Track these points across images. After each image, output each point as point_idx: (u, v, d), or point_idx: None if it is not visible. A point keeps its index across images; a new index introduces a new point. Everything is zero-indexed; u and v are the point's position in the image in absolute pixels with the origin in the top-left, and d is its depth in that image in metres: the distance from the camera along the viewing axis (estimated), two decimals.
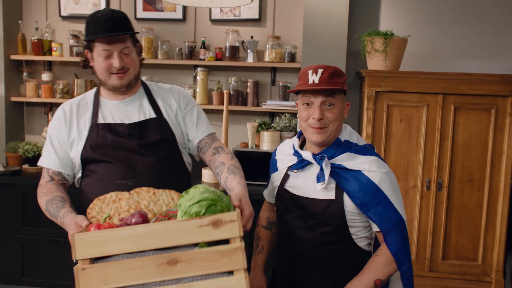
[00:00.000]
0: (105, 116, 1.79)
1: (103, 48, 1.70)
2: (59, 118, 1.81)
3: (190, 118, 1.87)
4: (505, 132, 3.15)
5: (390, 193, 1.58)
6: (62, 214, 1.57)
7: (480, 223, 3.23)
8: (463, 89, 3.15)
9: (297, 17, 3.70)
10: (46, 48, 3.88)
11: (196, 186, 1.38)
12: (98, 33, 1.69)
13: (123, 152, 1.73)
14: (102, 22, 1.69)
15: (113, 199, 1.55)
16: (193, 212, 1.29)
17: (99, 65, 1.74)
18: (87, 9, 3.90)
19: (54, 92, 3.90)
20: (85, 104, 1.83)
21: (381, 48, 3.18)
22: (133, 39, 1.79)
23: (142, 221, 1.36)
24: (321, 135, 1.61)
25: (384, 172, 1.59)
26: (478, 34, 3.55)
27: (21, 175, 3.56)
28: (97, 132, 1.75)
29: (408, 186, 3.26)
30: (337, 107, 1.60)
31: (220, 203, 1.33)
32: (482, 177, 3.20)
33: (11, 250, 3.48)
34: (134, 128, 1.76)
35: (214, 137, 1.89)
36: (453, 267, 3.26)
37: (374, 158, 1.62)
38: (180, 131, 1.84)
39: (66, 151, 1.79)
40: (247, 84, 3.72)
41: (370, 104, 3.21)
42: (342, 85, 1.61)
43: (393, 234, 1.58)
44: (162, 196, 1.55)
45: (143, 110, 1.81)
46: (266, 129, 3.61)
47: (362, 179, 1.58)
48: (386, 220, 1.57)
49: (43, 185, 1.77)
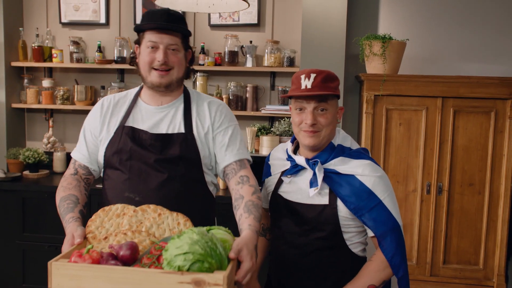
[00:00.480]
0: (136, 119, 1.73)
1: (150, 39, 1.64)
2: (96, 112, 1.77)
3: (222, 139, 1.73)
4: (505, 135, 3.14)
5: (384, 197, 1.57)
6: (67, 219, 1.53)
7: (481, 227, 3.21)
8: (462, 92, 3.14)
9: (295, 21, 3.70)
10: (46, 54, 3.90)
11: (193, 230, 1.29)
12: (153, 25, 1.64)
13: (139, 164, 1.66)
14: (157, 15, 1.65)
15: (117, 213, 1.50)
16: (175, 266, 1.20)
17: (143, 58, 1.67)
18: (87, 15, 3.92)
19: (55, 98, 3.92)
20: (123, 102, 1.77)
21: (379, 52, 3.18)
22: (185, 43, 1.72)
23: (129, 255, 1.30)
24: (314, 139, 1.60)
25: (377, 176, 1.58)
26: (476, 37, 3.54)
27: (21, 181, 3.57)
28: (120, 136, 1.69)
29: (408, 190, 3.24)
30: (330, 112, 1.60)
31: (209, 259, 1.22)
32: (482, 180, 3.18)
33: (11, 256, 3.49)
34: (157, 140, 1.68)
35: (244, 164, 1.71)
36: (454, 272, 3.24)
37: (368, 162, 1.60)
38: (208, 151, 1.72)
39: (97, 146, 1.75)
40: (246, 89, 3.72)
41: (369, 108, 3.21)
42: (335, 90, 1.61)
43: (388, 239, 1.56)
44: (168, 219, 1.48)
45: (174, 122, 1.72)
46: (266, 133, 3.61)
47: (355, 184, 1.56)
48: (381, 224, 1.55)
49: (65, 178, 1.73)
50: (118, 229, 1.45)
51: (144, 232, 1.43)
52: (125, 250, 1.30)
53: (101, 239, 1.42)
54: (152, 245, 1.38)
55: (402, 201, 3.25)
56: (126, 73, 3.96)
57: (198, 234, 1.27)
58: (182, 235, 1.27)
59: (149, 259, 1.28)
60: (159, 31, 1.64)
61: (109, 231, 1.45)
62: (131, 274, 1.22)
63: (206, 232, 1.31)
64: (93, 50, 3.92)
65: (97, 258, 1.26)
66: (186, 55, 1.74)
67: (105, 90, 3.88)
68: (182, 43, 1.70)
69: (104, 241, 1.41)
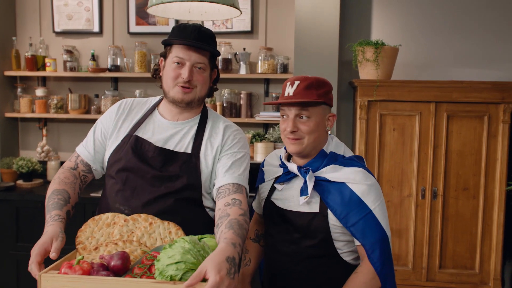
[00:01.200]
0: (147, 130, 1.68)
1: (177, 55, 1.61)
2: (112, 113, 1.73)
3: (226, 161, 1.64)
4: (498, 139, 3.15)
5: (375, 206, 1.54)
6: (53, 215, 1.46)
7: (476, 231, 3.21)
8: (455, 97, 3.15)
9: (288, 28, 3.71)
10: (40, 63, 3.89)
11: (184, 239, 1.28)
12: (179, 38, 1.61)
13: (135, 177, 1.61)
14: (188, 31, 1.62)
15: (107, 222, 1.48)
16: (168, 275, 1.20)
17: (168, 73, 1.63)
18: (80, 24, 3.92)
19: (48, 107, 3.91)
20: (140, 109, 1.74)
21: (372, 57, 3.19)
22: (212, 62, 1.68)
23: (120, 265, 1.29)
24: (296, 146, 1.59)
25: (368, 184, 1.55)
26: (469, 42, 3.56)
27: (15, 191, 3.55)
28: (126, 144, 1.66)
29: (403, 195, 3.24)
30: (312, 120, 1.57)
31: None
32: (476, 184, 3.19)
33: (5, 267, 3.46)
34: (160, 154, 1.63)
35: (240, 189, 1.60)
36: (450, 276, 3.23)
37: (359, 169, 1.58)
38: (211, 175, 1.64)
39: (105, 147, 1.71)
40: (240, 96, 3.73)
41: (363, 114, 3.21)
42: (319, 97, 1.57)
43: (377, 251, 1.52)
44: (159, 228, 1.46)
45: (183, 140, 1.66)
46: (260, 140, 3.60)
47: (345, 192, 1.54)
48: (370, 235, 1.52)
49: (64, 170, 1.69)
50: (109, 239, 1.44)
51: (135, 241, 1.41)
52: (116, 260, 1.29)
53: (92, 250, 1.40)
54: (143, 254, 1.36)
55: (397, 206, 3.25)
56: (120, 82, 3.95)
57: (190, 243, 1.26)
58: (173, 244, 1.26)
59: (141, 269, 1.27)
60: (188, 48, 1.60)
61: (100, 241, 1.43)
62: (122, 285, 1.20)
63: (197, 241, 1.30)
64: (87, 59, 3.92)
65: (88, 269, 1.25)
66: (211, 74, 1.71)
67: (99, 98, 3.87)
68: (209, 62, 1.67)
69: (94, 251, 1.39)
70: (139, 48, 3.77)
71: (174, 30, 1.65)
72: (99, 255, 1.35)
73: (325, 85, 1.60)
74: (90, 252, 1.40)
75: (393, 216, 3.25)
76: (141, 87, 3.87)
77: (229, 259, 1.24)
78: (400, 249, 3.27)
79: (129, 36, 3.89)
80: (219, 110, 3.54)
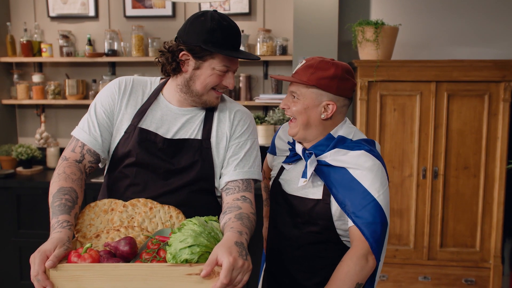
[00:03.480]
0: (152, 119, 1.58)
1: (225, 64, 1.50)
2: (113, 92, 1.60)
3: (237, 151, 1.59)
4: (499, 117, 3.14)
5: (379, 194, 1.44)
6: (61, 220, 1.31)
7: (477, 210, 3.23)
8: (455, 76, 3.13)
9: (287, 9, 3.67)
10: (35, 49, 3.84)
11: (193, 222, 1.25)
12: (228, 49, 1.49)
13: (146, 172, 1.55)
14: (232, 37, 1.51)
15: (104, 209, 1.43)
16: (183, 259, 1.18)
17: (207, 78, 1.51)
18: (75, 8, 3.86)
19: (46, 93, 3.87)
20: (142, 91, 1.63)
21: (372, 37, 3.16)
22: None
23: (129, 250, 1.25)
24: (291, 129, 1.57)
25: (370, 168, 1.45)
26: (469, 21, 3.53)
27: (15, 178, 3.53)
28: (131, 137, 1.56)
29: (404, 175, 3.25)
30: (300, 100, 1.52)
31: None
32: (477, 163, 3.20)
33: (8, 254, 3.47)
34: (169, 145, 1.55)
35: (250, 186, 1.56)
36: (451, 255, 3.26)
37: (362, 152, 1.48)
38: (221, 160, 1.59)
39: (111, 132, 1.58)
40: (240, 79, 3.70)
41: (363, 94, 3.20)
42: (310, 80, 1.49)
43: (374, 230, 1.43)
44: (160, 212, 1.43)
45: (192, 127, 1.59)
46: (260, 123, 3.59)
47: (346, 178, 1.46)
48: (371, 223, 1.42)
49: (69, 163, 1.51)
50: (109, 226, 1.39)
51: (137, 227, 1.38)
52: (124, 245, 1.26)
53: (92, 237, 1.36)
54: (147, 239, 1.34)
55: (398, 186, 3.25)
56: (117, 66, 3.91)
57: (199, 226, 1.25)
58: (182, 227, 1.24)
59: (149, 254, 1.25)
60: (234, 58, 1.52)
61: (99, 228, 1.39)
62: (137, 270, 1.17)
63: (206, 223, 1.29)
64: (83, 44, 3.87)
65: (97, 256, 1.21)
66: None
67: (96, 83, 3.84)
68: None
69: (96, 239, 1.35)
70: (136, 31, 3.73)
71: (216, 32, 1.48)
72: (104, 242, 1.31)
73: (327, 69, 1.50)
74: (91, 239, 1.36)
75: (394, 196, 3.26)
76: (139, 71, 3.84)
77: (238, 243, 1.22)
78: (402, 229, 3.29)
79: (126, 20, 3.84)
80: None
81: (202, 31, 1.49)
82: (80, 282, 1.16)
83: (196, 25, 1.51)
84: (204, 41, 1.48)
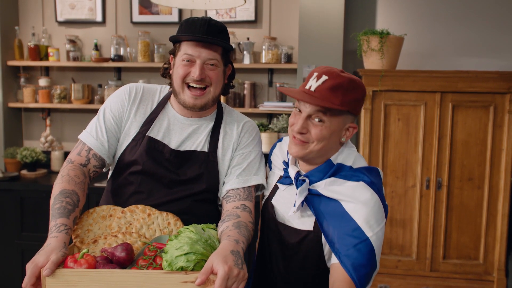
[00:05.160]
0: (162, 127, 1.58)
1: (186, 52, 1.49)
2: (123, 99, 1.59)
3: (241, 161, 1.58)
4: (504, 129, 3.12)
5: (372, 234, 1.27)
6: (59, 223, 1.30)
7: (481, 222, 3.20)
8: (461, 87, 3.12)
9: (293, 17, 3.68)
10: (43, 53, 3.88)
11: (189, 229, 1.25)
12: (187, 34, 1.49)
13: (151, 181, 1.55)
14: (196, 25, 1.49)
15: (103, 215, 1.43)
16: (178, 267, 1.17)
17: (177, 71, 1.52)
18: (83, 14, 3.90)
19: (52, 97, 3.90)
20: (151, 99, 1.62)
21: (377, 47, 3.16)
22: (225, 57, 1.56)
23: (126, 256, 1.25)
24: (299, 149, 1.36)
25: (364, 201, 1.29)
26: (475, 31, 3.52)
27: (19, 180, 3.56)
28: (138, 145, 1.56)
29: (407, 185, 3.23)
30: (327, 126, 1.33)
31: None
32: (481, 175, 3.17)
33: (10, 256, 3.48)
34: (176, 157, 1.55)
35: (251, 194, 1.55)
36: (454, 267, 3.23)
37: (359, 183, 1.31)
38: (225, 174, 1.60)
39: (118, 138, 1.58)
40: (244, 86, 3.71)
41: (368, 104, 3.19)
42: (343, 104, 1.30)
43: (362, 271, 1.27)
44: (158, 219, 1.43)
45: (200, 138, 1.59)
46: (264, 130, 3.59)
47: (338, 211, 1.31)
48: (360, 266, 1.25)
49: (74, 166, 1.51)
50: (107, 232, 1.40)
51: (135, 233, 1.38)
52: (120, 251, 1.26)
53: (90, 243, 1.36)
54: (144, 246, 1.34)
55: (402, 196, 3.24)
56: (123, 71, 3.94)
57: (196, 233, 1.25)
58: (179, 235, 1.24)
59: (146, 260, 1.25)
60: (197, 44, 1.48)
61: (97, 234, 1.39)
62: (132, 277, 1.17)
63: (202, 231, 1.29)
64: (90, 49, 3.90)
65: (93, 262, 1.22)
66: (225, 70, 1.59)
67: (102, 88, 3.86)
68: (222, 58, 1.54)
69: (93, 244, 1.35)
70: (142, 37, 3.75)
71: (182, 25, 1.53)
72: (101, 248, 1.31)
73: (357, 90, 1.34)
74: (89, 245, 1.36)
75: (397, 206, 3.24)
76: (145, 77, 3.86)
77: (234, 252, 1.22)
78: (404, 240, 3.26)
79: (132, 26, 3.87)
80: (223, 101, 3.52)
81: (178, 29, 1.56)
82: (76, 287, 1.17)
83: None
84: (172, 37, 1.54)
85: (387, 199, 3.24)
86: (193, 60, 1.50)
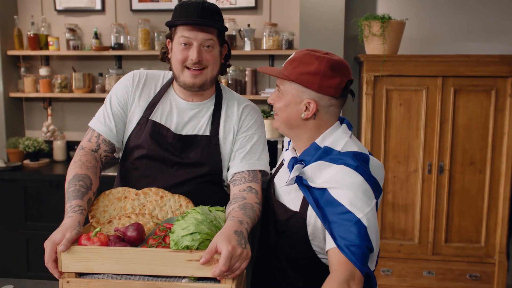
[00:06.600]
0: (163, 112, 1.64)
1: (183, 35, 1.54)
2: (127, 85, 1.66)
3: (244, 144, 1.63)
4: (505, 113, 3.13)
5: (363, 214, 1.27)
6: (73, 205, 1.38)
7: (482, 206, 3.23)
8: (462, 71, 3.12)
9: (293, 3, 3.66)
10: (42, 42, 3.86)
11: (196, 210, 1.30)
12: (182, 18, 1.54)
13: (156, 164, 1.61)
14: (191, 8, 1.53)
15: (118, 196, 1.50)
16: (184, 246, 1.22)
17: (175, 56, 1.57)
18: (82, 2, 3.87)
19: (53, 86, 3.89)
20: (154, 84, 1.68)
21: (378, 32, 3.15)
22: (220, 38, 1.61)
23: (136, 235, 1.31)
24: (274, 122, 1.49)
25: (347, 185, 1.29)
26: (476, 16, 3.51)
27: (22, 170, 3.56)
28: (143, 129, 1.61)
29: (409, 170, 3.25)
30: (284, 97, 1.42)
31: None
32: (483, 159, 3.19)
33: (15, 245, 3.50)
34: (179, 140, 1.61)
35: (256, 177, 1.59)
36: (456, 250, 3.26)
37: (340, 166, 1.32)
38: (228, 157, 1.64)
39: (125, 123, 1.65)
40: (245, 73, 3.70)
41: (369, 89, 3.19)
42: (291, 74, 1.40)
43: (359, 250, 1.26)
44: (170, 201, 1.49)
45: (201, 122, 1.64)
46: (266, 117, 3.59)
47: (327, 198, 1.32)
48: (356, 246, 1.25)
49: (85, 152, 1.58)
50: (121, 213, 1.46)
51: (148, 214, 1.45)
52: (132, 231, 1.32)
53: (105, 223, 1.43)
54: (156, 226, 1.39)
55: (404, 181, 3.25)
56: (123, 60, 3.93)
57: (202, 214, 1.29)
58: (186, 215, 1.29)
59: (155, 240, 1.30)
60: (193, 27, 1.53)
61: (112, 214, 1.47)
62: (140, 254, 1.24)
63: (209, 212, 1.33)
64: (90, 37, 3.88)
65: (105, 240, 1.29)
66: (221, 51, 1.64)
67: (103, 77, 3.86)
68: (218, 39, 1.59)
69: (108, 224, 1.42)
70: (143, 25, 3.73)
71: (177, 10, 1.57)
72: (114, 227, 1.38)
73: (310, 64, 1.35)
74: (104, 225, 1.43)
75: (399, 191, 3.26)
76: (145, 65, 3.85)
77: (237, 232, 1.25)
78: (406, 224, 3.29)
79: (132, 14, 3.85)
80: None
81: (173, 14, 1.59)
82: (88, 263, 1.25)
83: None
84: (168, 22, 1.58)
85: (389, 184, 3.25)
86: (189, 43, 1.55)
